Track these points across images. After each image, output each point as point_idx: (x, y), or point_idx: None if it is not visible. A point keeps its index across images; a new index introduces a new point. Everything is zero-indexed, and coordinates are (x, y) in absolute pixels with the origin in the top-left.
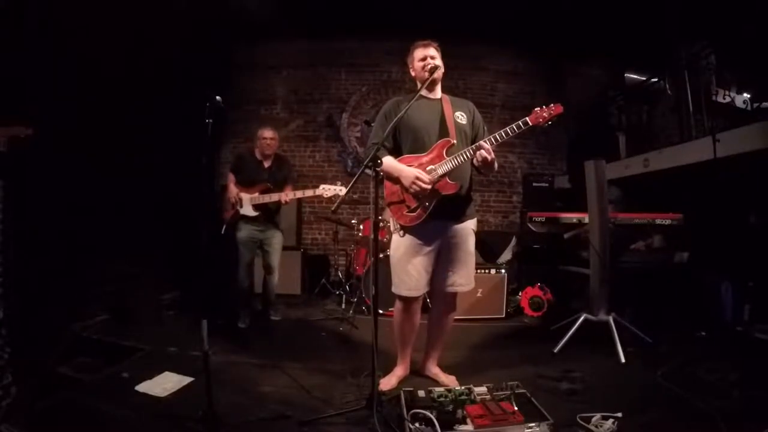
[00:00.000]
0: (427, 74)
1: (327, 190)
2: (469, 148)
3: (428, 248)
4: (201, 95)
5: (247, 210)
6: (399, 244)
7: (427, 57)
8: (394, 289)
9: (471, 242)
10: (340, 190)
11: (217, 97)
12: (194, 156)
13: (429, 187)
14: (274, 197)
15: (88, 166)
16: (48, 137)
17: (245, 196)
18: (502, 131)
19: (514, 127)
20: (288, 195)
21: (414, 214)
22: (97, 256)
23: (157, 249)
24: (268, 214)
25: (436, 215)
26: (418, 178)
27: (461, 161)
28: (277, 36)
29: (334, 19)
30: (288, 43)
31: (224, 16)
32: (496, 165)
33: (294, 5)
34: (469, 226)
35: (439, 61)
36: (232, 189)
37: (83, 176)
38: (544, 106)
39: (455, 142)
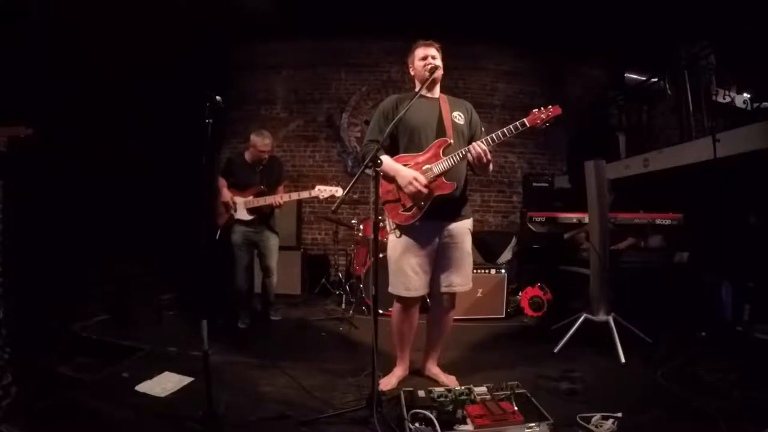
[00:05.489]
0: (427, 74)
1: (323, 191)
2: (465, 148)
3: (425, 248)
4: (201, 95)
5: (242, 214)
6: (396, 245)
7: (429, 56)
8: (391, 289)
9: (468, 242)
10: (336, 190)
11: (217, 97)
12: (194, 156)
13: (425, 190)
14: (269, 200)
15: (88, 166)
16: (48, 137)
17: (239, 200)
18: (498, 132)
19: (512, 128)
20: (283, 198)
21: (409, 213)
22: (97, 256)
23: (157, 249)
24: (263, 217)
25: (432, 215)
26: (415, 179)
27: (457, 161)
28: (277, 36)
29: (334, 19)
30: (288, 43)
31: (224, 15)
32: (491, 166)
33: (294, 5)
34: (466, 225)
35: (439, 62)
36: (226, 193)
37: (83, 176)
38: (542, 108)
39: (452, 141)
